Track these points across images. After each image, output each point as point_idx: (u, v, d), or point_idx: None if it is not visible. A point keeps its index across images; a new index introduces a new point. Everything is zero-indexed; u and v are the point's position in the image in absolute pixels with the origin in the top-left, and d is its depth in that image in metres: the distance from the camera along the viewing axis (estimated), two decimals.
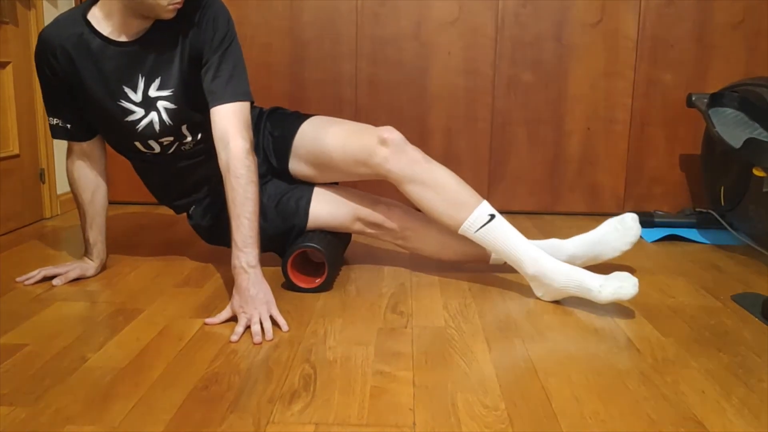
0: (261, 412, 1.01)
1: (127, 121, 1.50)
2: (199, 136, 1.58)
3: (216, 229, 1.68)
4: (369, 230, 1.67)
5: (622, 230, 1.66)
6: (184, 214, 1.74)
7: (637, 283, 1.42)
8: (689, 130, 2.45)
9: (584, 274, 1.46)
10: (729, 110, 2.09)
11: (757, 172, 1.88)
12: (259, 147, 1.65)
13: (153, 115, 1.50)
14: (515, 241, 1.51)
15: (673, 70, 2.41)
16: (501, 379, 1.13)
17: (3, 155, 2.06)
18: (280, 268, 1.58)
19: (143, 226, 2.21)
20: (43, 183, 2.28)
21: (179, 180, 1.66)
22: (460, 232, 1.53)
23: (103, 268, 1.69)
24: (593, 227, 1.69)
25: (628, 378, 1.14)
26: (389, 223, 1.65)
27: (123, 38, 1.44)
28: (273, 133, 1.67)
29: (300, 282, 1.56)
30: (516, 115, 2.46)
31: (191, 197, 1.68)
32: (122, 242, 2.00)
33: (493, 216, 1.51)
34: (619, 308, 1.48)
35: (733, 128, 2.01)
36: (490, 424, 0.98)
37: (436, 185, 1.52)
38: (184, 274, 1.69)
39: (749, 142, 1.84)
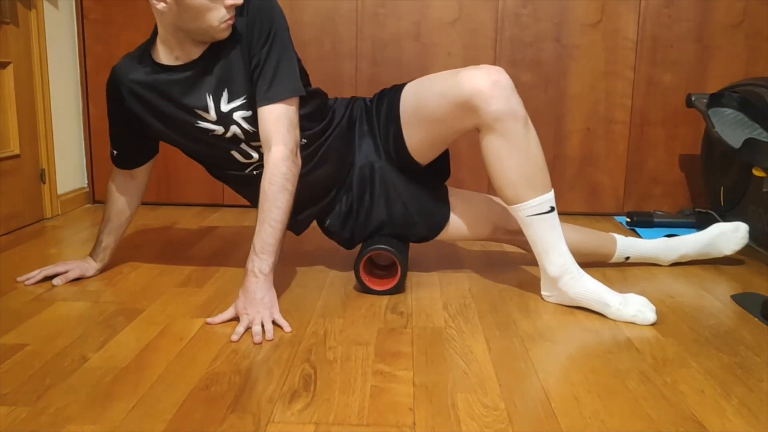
0: (261, 411, 1.01)
1: (212, 136, 1.48)
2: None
3: (357, 237, 1.64)
4: (505, 237, 1.67)
5: (734, 238, 1.78)
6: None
7: (656, 311, 1.40)
8: (689, 131, 2.45)
9: (606, 291, 1.43)
10: (729, 110, 2.09)
11: (757, 172, 1.88)
12: (378, 144, 1.59)
13: (234, 129, 1.46)
14: (558, 238, 1.45)
15: (672, 70, 2.41)
16: (501, 379, 1.13)
17: (3, 155, 2.06)
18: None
19: (144, 226, 2.21)
20: (44, 183, 2.29)
21: (299, 191, 1.47)
22: (513, 207, 1.46)
23: (104, 268, 1.69)
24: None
25: (628, 378, 1.14)
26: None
27: (183, 62, 1.42)
28: (381, 116, 1.59)
29: (372, 284, 1.56)
30: None
31: (317, 206, 1.62)
32: (123, 242, 1.99)
33: (553, 208, 1.45)
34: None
35: (733, 128, 2.02)
36: (490, 423, 0.98)
37: (523, 151, 1.42)
38: (185, 274, 1.69)
39: (749, 143, 1.84)
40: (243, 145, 1.50)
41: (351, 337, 1.30)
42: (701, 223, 2.24)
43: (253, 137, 1.48)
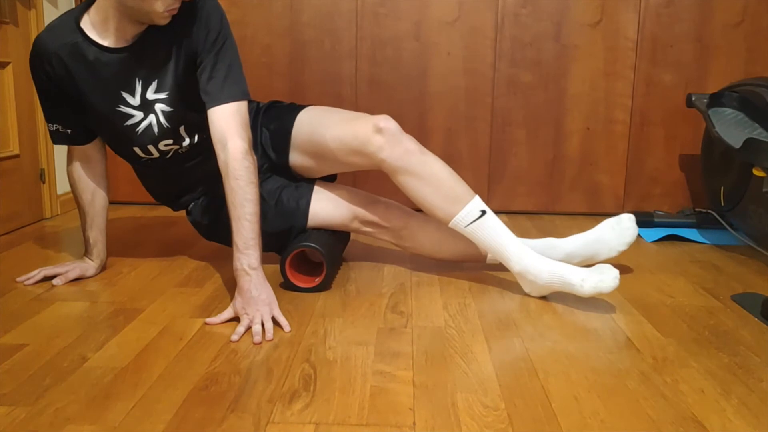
0: (261, 411, 1.01)
1: (126, 125, 1.49)
2: (197, 137, 1.58)
3: (215, 227, 1.69)
4: (366, 229, 1.68)
5: (619, 230, 1.65)
6: (183, 212, 1.74)
7: (618, 276, 1.44)
8: (689, 130, 2.45)
9: (566, 269, 1.48)
10: (729, 110, 2.09)
11: (757, 172, 1.88)
12: (257, 143, 1.66)
13: (151, 118, 1.49)
14: (504, 238, 1.53)
15: (672, 70, 2.41)
16: (501, 378, 1.13)
17: (3, 155, 2.06)
18: (278, 267, 1.58)
19: (143, 226, 2.21)
20: (43, 183, 2.29)
21: (177, 181, 1.66)
22: (450, 225, 1.55)
23: (103, 268, 1.69)
24: (593, 227, 1.69)
25: (628, 378, 1.14)
26: (386, 222, 1.66)
27: (118, 44, 1.43)
28: (270, 128, 1.67)
29: (298, 281, 1.56)
30: (516, 115, 2.46)
31: (189, 195, 1.69)
32: (122, 242, 2.00)
33: (484, 212, 1.53)
34: (618, 308, 1.48)
35: (733, 128, 2.01)
36: (490, 423, 0.98)
37: (430, 178, 1.52)
38: (185, 274, 1.69)
39: (749, 142, 1.84)
40: (149, 146, 1.53)
41: (351, 337, 1.30)
42: (701, 223, 2.24)
43: (163, 136, 1.52)
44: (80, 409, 1.00)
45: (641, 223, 2.24)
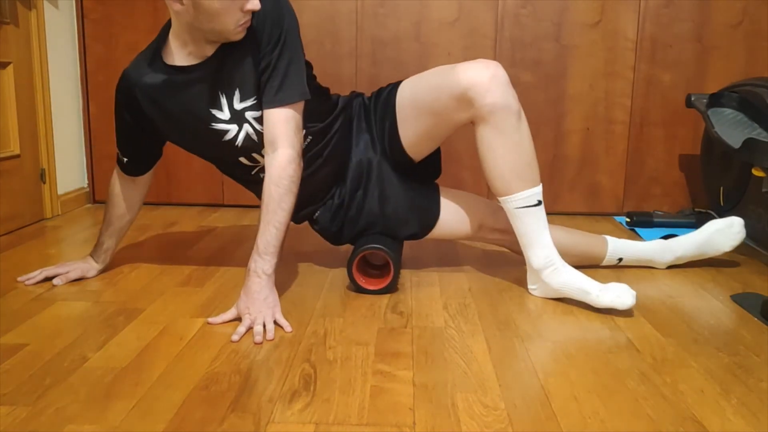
0: (261, 411, 1.01)
1: (224, 141, 1.48)
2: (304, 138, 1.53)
3: (346, 232, 1.65)
4: (491, 236, 1.67)
5: (729, 233, 1.73)
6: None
7: (635, 296, 1.43)
8: (688, 131, 2.45)
9: (585, 279, 1.47)
10: (728, 110, 2.09)
11: (757, 172, 1.88)
12: (375, 140, 1.60)
13: (246, 128, 1.46)
14: (544, 232, 1.49)
15: (672, 70, 2.41)
16: (501, 378, 1.13)
17: (3, 155, 2.06)
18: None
19: (144, 226, 2.22)
20: (44, 183, 2.29)
21: (304, 189, 1.53)
22: (502, 199, 1.50)
23: (104, 268, 1.69)
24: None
25: (628, 378, 1.14)
26: (511, 228, 1.57)
27: (194, 62, 1.41)
28: (378, 113, 1.61)
29: (366, 284, 1.56)
30: None
31: (311, 207, 1.64)
32: (123, 242, 2.00)
33: (540, 202, 1.49)
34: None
35: (733, 128, 2.02)
36: (490, 423, 0.98)
37: (515, 144, 1.46)
38: (185, 273, 1.69)
39: (748, 143, 1.84)
40: (254, 154, 1.51)
41: (351, 337, 1.30)
42: (701, 223, 2.24)
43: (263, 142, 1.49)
44: (81, 408, 1.01)
45: (641, 223, 2.24)
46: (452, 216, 1.63)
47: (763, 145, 1.79)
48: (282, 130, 1.38)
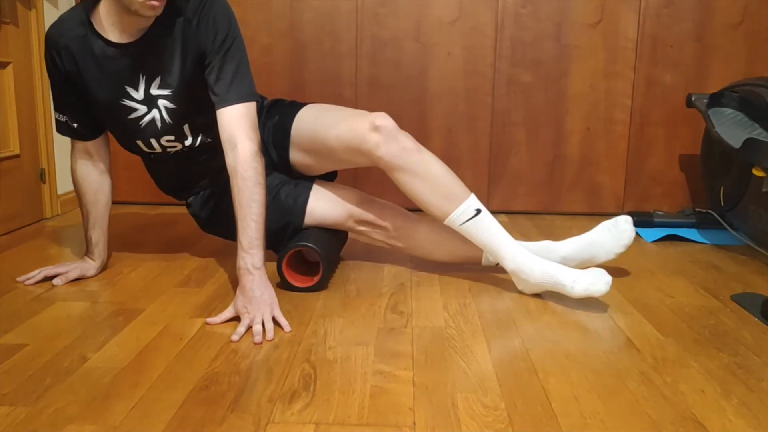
0: (261, 411, 1.01)
1: (129, 119, 1.51)
2: (200, 139, 1.59)
3: (213, 220, 1.72)
4: (360, 228, 1.69)
5: (615, 233, 1.62)
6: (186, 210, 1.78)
7: (610, 281, 1.44)
8: (689, 130, 2.45)
9: (558, 270, 1.49)
10: (729, 110, 2.09)
11: (757, 172, 1.88)
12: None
13: (155, 113, 1.51)
14: (498, 236, 1.54)
15: (672, 70, 2.41)
16: (501, 378, 1.13)
17: (3, 155, 2.06)
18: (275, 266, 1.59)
19: (143, 226, 2.21)
20: (44, 183, 2.29)
21: (181, 176, 1.70)
22: (445, 223, 1.56)
23: (104, 267, 1.69)
24: (593, 227, 1.68)
25: (628, 378, 1.14)
26: (381, 222, 1.67)
27: (124, 39, 1.44)
28: (271, 126, 1.68)
29: (295, 281, 1.56)
30: (516, 115, 2.46)
31: (192, 189, 1.72)
32: (122, 242, 2.00)
33: (479, 210, 1.54)
34: (618, 308, 1.48)
35: (733, 128, 2.02)
36: (490, 423, 0.98)
37: (426, 175, 1.53)
38: (185, 273, 1.69)
39: (749, 142, 1.84)
40: (152, 139, 1.55)
41: (351, 337, 1.30)
42: (701, 223, 2.24)
43: (166, 131, 1.54)
44: (80, 409, 1.01)
45: (641, 223, 2.24)
46: (322, 204, 1.66)
47: (763, 145, 1.78)
48: (238, 126, 1.41)
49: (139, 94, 1.49)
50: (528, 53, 2.42)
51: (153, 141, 1.56)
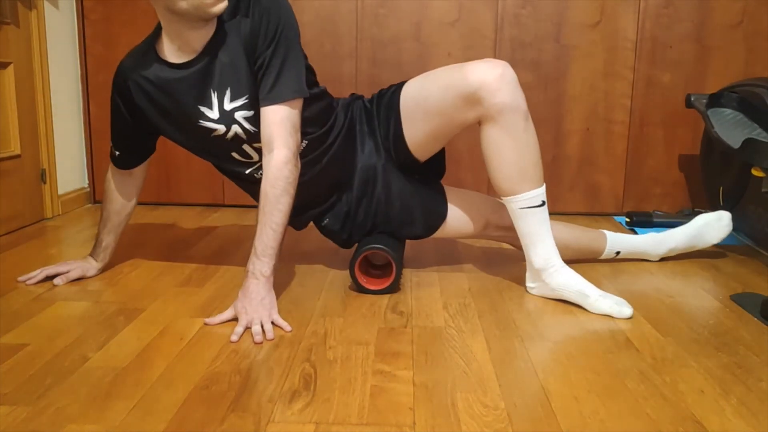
0: (261, 411, 1.01)
1: (214, 137, 1.48)
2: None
3: (355, 237, 1.65)
4: (496, 233, 1.69)
5: (718, 226, 1.80)
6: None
7: (632, 313, 1.43)
8: (688, 131, 2.45)
9: (585, 283, 1.47)
10: (728, 111, 2.10)
11: (756, 173, 1.89)
12: (379, 144, 1.59)
13: (235, 128, 1.46)
14: (543, 233, 1.50)
15: (672, 70, 2.41)
16: (500, 378, 1.13)
17: (4, 155, 2.06)
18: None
19: (144, 226, 2.22)
20: (44, 183, 2.29)
21: (305, 193, 1.51)
22: (506, 199, 1.50)
23: (105, 267, 1.69)
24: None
25: (628, 377, 1.14)
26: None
27: (188, 58, 1.41)
28: (383, 124, 1.59)
29: (368, 284, 1.56)
30: None
31: (315, 209, 1.64)
32: (123, 242, 1.99)
33: (544, 202, 1.49)
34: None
35: (732, 129, 2.02)
36: (490, 423, 0.99)
37: (521, 145, 1.45)
38: (185, 273, 1.69)
39: (748, 143, 1.84)
40: (244, 146, 1.50)
41: (351, 336, 1.30)
42: None
43: (254, 138, 1.48)
44: (81, 408, 1.01)
45: (640, 223, 2.24)
46: (458, 216, 1.64)
47: (762, 145, 1.79)
48: (277, 130, 1.38)
49: (214, 113, 1.44)
50: (527, 54, 2.42)
51: (246, 147, 1.50)
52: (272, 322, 1.33)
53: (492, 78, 1.41)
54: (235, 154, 1.52)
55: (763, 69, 2.39)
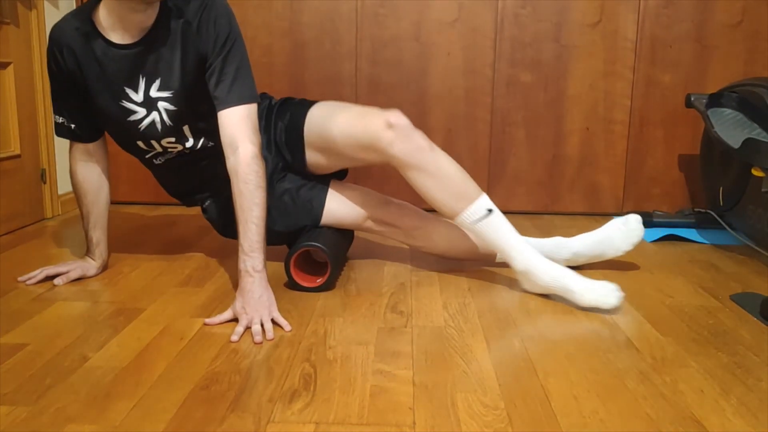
0: (261, 411, 1.01)
1: (129, 120, 1.51)
2: (202, 141, 1.58)
3: (232, 225, 1.68)
4: (379, 228, 1.70)
5: (626, 230, 1.70)
6: (184, 210, 1.76)
7: (622, 297, 1.44)
8: (688, 131, 2.45)
9: (569, 276, 1.49)
10: (728, 110, 2.10)
11: (756, 172, 1.89)
12: (271, 142, 1.67)
13: (154, 115, 1.50)
14: (509, 236, 1.54)
15: (672, 70, 2.41)
16: (500, 378, 1.13)
17: (4, 155, 2.06)
18: (287, 279, 1.58)
19: (144, 226, 2.22)
20: (44, 183, 2.29)
21: (188, 178, 1.68)
22: (456, 222, 1.57)
23: (105, 267, 1.69)
24: (592, 227, 1.69)
25: (627, 377, 1.14)
26: (399, 223, 1.68)
27: (125, 40, 1.44)
28: (282, 126, 1.67)
29: (302, 281, 1.57)
30: (515, 115, 2.46)
31: (201, 194, 1.72)
32: (123, 242, 2.00)
33: (490, 210, 1.54)
34: (618, 308, 1.48)
35: (732, 128, 2.02)
36: (490, 423, 0.99)
37: (439, 174, 1.53)
38: (185, 273, 1.69)
39: (748, 143, 1.84)
40: (152, 141, 1.55)
41: (351, 336, 1.31)
42: (701, 223, 2.24)
43: (166, 133, 1.53)
44: (81, 408, 1.01)
45: None
46: (339, 206, 1.67)
47: (762, 145, 1.79)
48: (239, 129, 1.41)
49: (139, 96, 1.48)
50: (527, 53, 2.42)
51: (153, 142, 1.56)
52: (272, 320, 1.33)
53: (383, 134, 1.50)
54: (140, 143, 1.57)
55: (763, 69, 2.39)
